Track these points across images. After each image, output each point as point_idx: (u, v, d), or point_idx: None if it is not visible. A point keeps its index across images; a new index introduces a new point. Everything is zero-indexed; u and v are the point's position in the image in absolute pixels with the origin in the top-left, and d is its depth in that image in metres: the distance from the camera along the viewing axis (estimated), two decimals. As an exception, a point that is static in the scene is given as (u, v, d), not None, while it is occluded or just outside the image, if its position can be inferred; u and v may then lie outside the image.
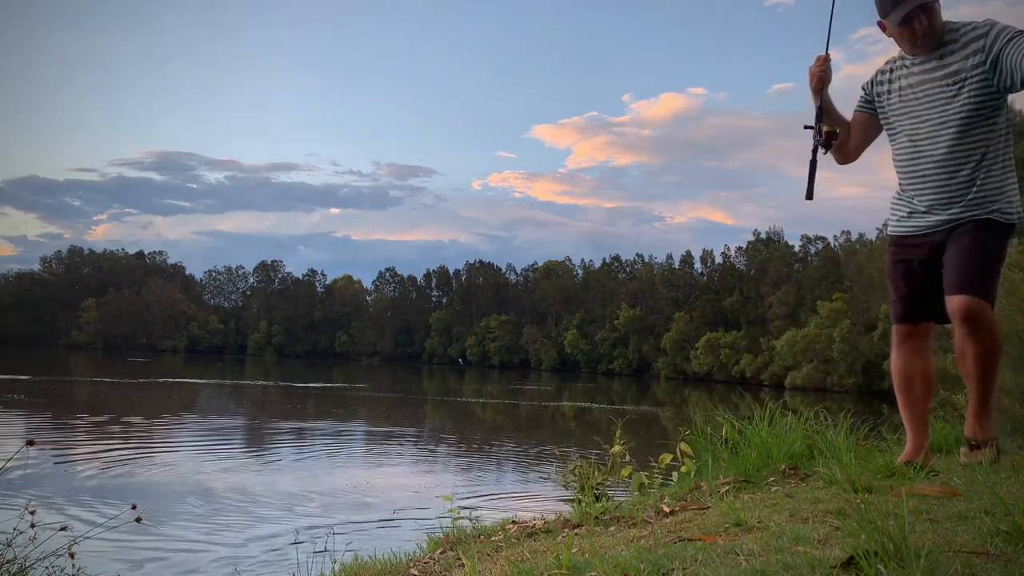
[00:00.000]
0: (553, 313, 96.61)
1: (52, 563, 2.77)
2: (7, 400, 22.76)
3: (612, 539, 2.16)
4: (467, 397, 37.44)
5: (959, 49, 2.95)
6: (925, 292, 3.10)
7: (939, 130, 3.00)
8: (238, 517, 9.11)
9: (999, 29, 2.88)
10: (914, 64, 3.07)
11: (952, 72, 2.95)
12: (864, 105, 3.30)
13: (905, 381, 3.17)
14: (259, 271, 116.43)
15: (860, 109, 3.31)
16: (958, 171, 2.99)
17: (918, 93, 3.05)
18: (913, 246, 3.13)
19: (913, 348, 3.15)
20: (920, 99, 3.05)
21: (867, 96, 3.28)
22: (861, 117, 3.31)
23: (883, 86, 3.19)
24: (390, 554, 2.81)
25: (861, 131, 3.31)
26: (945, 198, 3.03)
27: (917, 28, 2.93)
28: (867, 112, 3.29)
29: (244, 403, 29.08)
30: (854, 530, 1.27)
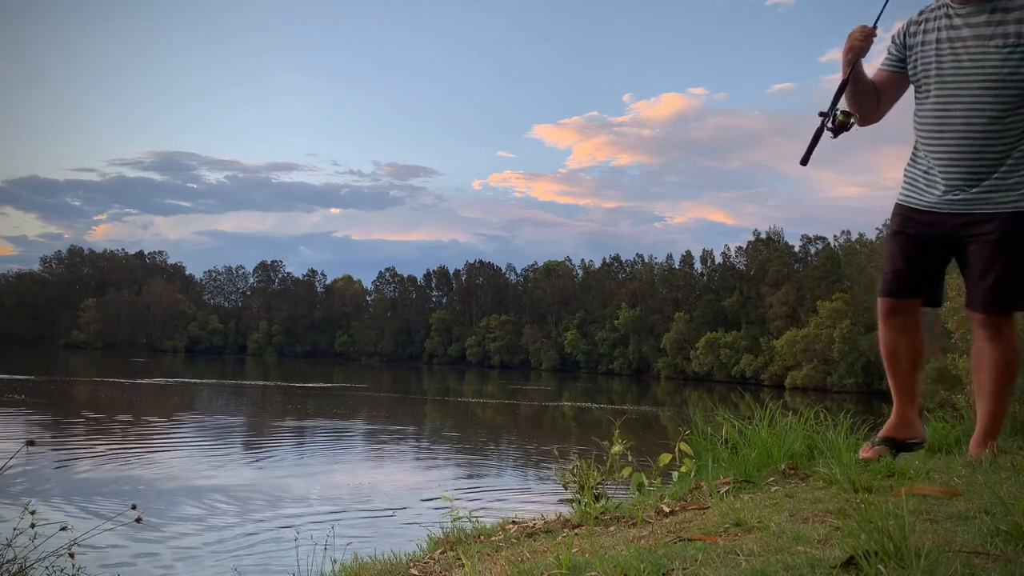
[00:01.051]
0: (553, 313, 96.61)
1: (52, 563, 2.77)
2: (7, 400, 22.75)
3: (612, 539, 2.16)
4: (467, 397, 37.44)
5: (1015, 10, 2.61)
6: (923, 271, 2.87)
7: (981, 96, 2.65)
8: (238, 517, 9.11)
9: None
10: (958, 14, 2.69)
11: (1008, 33, 2.60)
12: (895, 64, 2.89)
13: (890, 355, 3.02)
14: (259, 271, 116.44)
15: (889, 67, 2.91)
16: (992, 147, 2.68)
17: (959, 50, 2.68)
18: (923, 222, 2.83)
19: (899, 324, 2.94)
20: (962, 57, 2.67)
21: (897, 51, 2.89)
22: (889, 77, 2.91)
23: (917, 36, 2.80)
24: (390, 554, 2.81)
25: (888, 92, 2.93)
26: (972, 176, 2.71)
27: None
28: (897, 71, 2.89)
29: (244, 403, 29.07)
30: (854, 530, 1.27)
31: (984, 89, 2.64)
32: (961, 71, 2.68)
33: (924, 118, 2.82)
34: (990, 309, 2.73)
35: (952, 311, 19.24)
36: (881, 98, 2.92)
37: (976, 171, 2.70)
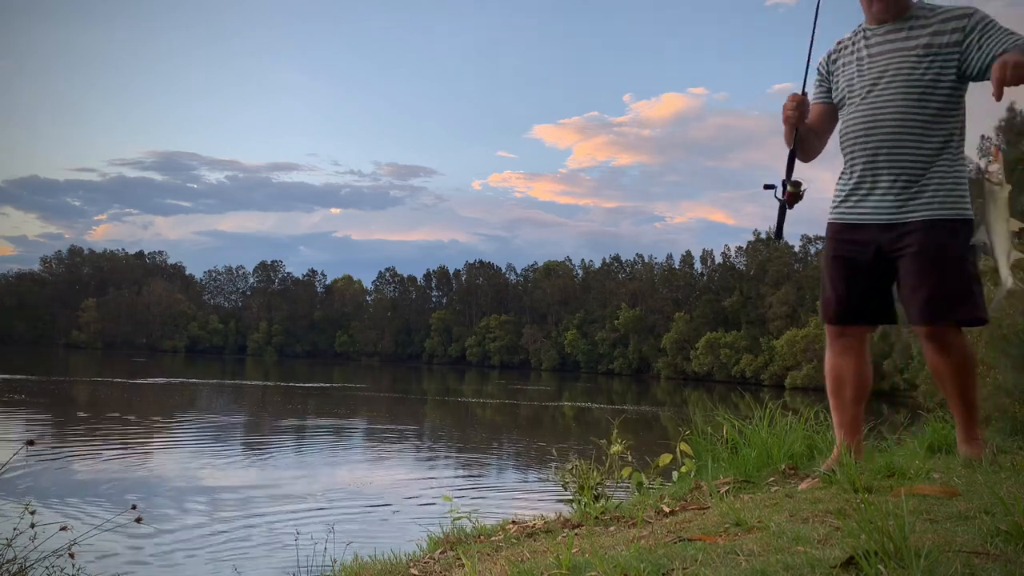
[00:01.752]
0: (553, 313, 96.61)
1: (52, 563, 2.77)
2: (7, 400, 22.76)
3: (612, 539, 2.16)
4: (467, 397, 37.44)
5: (934, 24, 2.70)
6: (864, 294, 2.83)
7: (904, 106, 2.69)
8: (238, 517, 9.11)
9: (982, 16, 2.66)
10: (876, 34, 2.79)
11: (923, 44, 2.69)
12: (824, 96, 2.96)
13: (835, 382, 2.95)
14: (259, 271, 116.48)
15: (820, 100, 2.96)
16: (916, 156, 2.70)
17: (880, 62, 2.75)
18: (857, 241, 2.80)
19: (845, 347, 2.91)
20: (884, 69, 2.73)
21: (822, 83, 2.97)
22: (823, 109, 2.95)
23: (838, 63, 2.89)
24: (390, 554, 2.81)
25: (826, 124, 2.97)
26: (898, 183, 2.72)
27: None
28: (827, 103, 2.95)
29: (244, 403, 29.08)
30: (854, 530, 1.27)
31: (907, 98, 2.69)
32: (883, 82, 2.73)
33: (849, 131, 2.83)
34: (931, 321, 2.71)
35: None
36: (820, 133, 2.98)
37: (901, 179, 2.73)
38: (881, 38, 2.78)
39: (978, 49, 2.61)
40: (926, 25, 2.71)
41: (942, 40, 2.67)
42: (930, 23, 2.71)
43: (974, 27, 2.63)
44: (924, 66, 2.68)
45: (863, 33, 2.85)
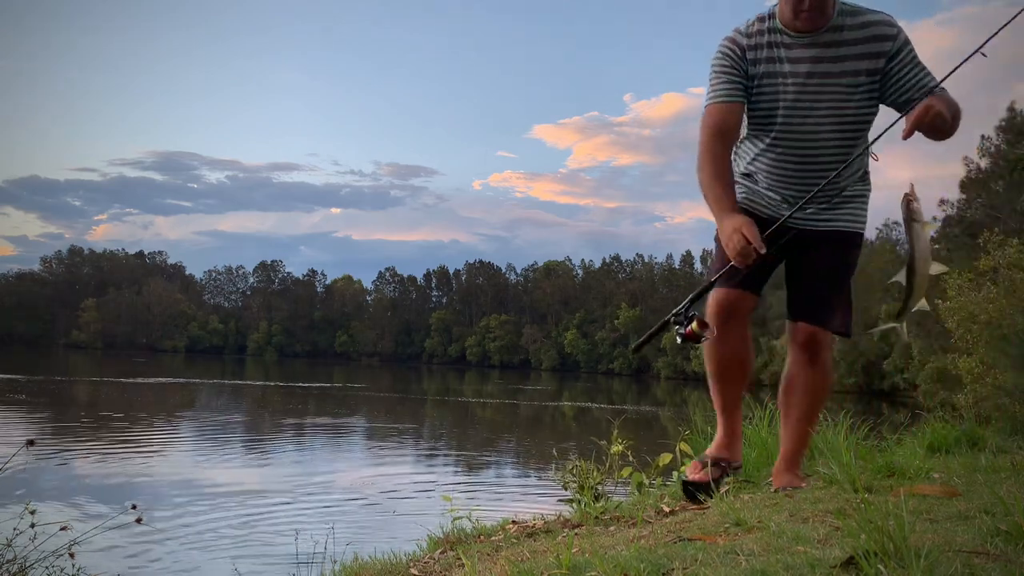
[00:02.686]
0: (553, 313, 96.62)
1: (52, 563, 2.77)
2: (7, 400, 22.76)
3: (612, 539, 2.16)
4: (467, 397, 37.45)
5: (859, 42, 2.47)
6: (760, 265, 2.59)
7: (826, 132, 2.56)
8: (238, 516, 9.11)
9: (903, 39, 2.49)
10: (798, 45, 2.49)
11: (848, 71, 2.48)
12: (743, 94, 2.57)
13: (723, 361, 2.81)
14: (259, 271, 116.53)
15: (740, 98, 2.56)
16: (851, 174, 2.66)
17: (811, 86, 2.51)
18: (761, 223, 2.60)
19: (735, 324, 2.75)
20: (815, 93, 2.52)
21: (741, 79, 2.56)
22: (740, 109, 2.57)
23: (757, 66, 2.54)
24: (390, 554, 2.81)
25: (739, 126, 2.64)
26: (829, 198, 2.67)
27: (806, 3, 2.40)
28: (742, 102, 2.58)
29: (244, 403, 29.08)
30: (854, 530, 1.27)
31: (843, 134, 2.57)
32: (818, 115, 2.54)
33: (766, 149, 2.67)
34: (821, 323, 2.68)
35: (952, 311, 19.23)
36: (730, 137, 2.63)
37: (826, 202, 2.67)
38: (805, 52, 2.49)
39: (897, 80, 2.49)
40: (852, 42, 2.47)
41: (868, 66, 2.48)
42: (855, 40, 2.47)
43: (896, 53, 2.48)
44: (856, 98, 2.52)
45: (779, 36, 2.52)
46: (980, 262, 19.54)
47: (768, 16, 2.54)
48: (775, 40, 2.51)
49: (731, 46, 2.56)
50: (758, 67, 2.53)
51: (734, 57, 2.54)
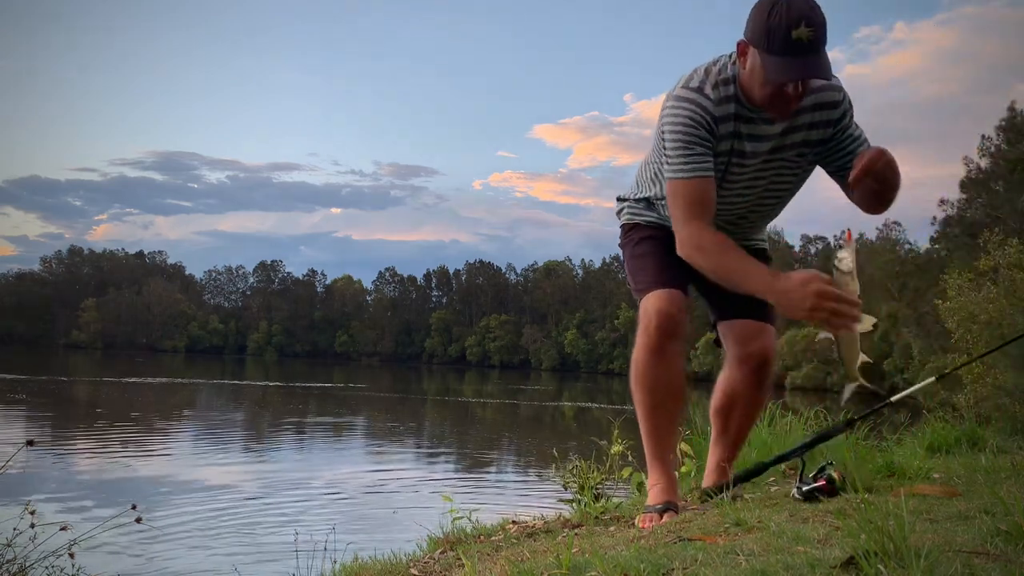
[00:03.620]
0: (553, 313, 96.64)
1: (52, 563, 2.77)
2: (7, 400, 22.76)
3: (612, 539, 2.16)
4: (467, 397, 37.45)
5: (807, 111, 2.25)
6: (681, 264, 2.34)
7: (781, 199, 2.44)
8: (237, 516, 9.11)
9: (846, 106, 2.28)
10: (759, 119, 2.25)
11: (798, 143, 2.29)
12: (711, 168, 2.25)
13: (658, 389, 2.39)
14: (259, 271, 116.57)
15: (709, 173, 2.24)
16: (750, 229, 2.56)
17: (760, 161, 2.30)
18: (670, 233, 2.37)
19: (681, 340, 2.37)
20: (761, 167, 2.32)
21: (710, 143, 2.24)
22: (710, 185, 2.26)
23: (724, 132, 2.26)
24: (390, 554, 2.81)
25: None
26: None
27: (791, 92, 2.13)
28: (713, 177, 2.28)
29: (244, 403, 29.08)
30: (854, 530, 1.27)
31: (767, 195, 2.40)
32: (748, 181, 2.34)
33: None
34: (770, 319, 2.48)
35: (952, 311, 19.22)
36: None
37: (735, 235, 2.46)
38: (767, 129, 2.26)
39: (839, 149, 2.30)
40: (800, 111, 2.24)
41: (816, 136, 2.29)
42: (803, 109, 2.24)
43: (841, 119, 2.28)
44: (797, 170, 2.37)
45: (743, 110, 2.24)
46: (980, 262, 19.54)
47: (732, 80, 2.23)
48: (739, 113, 2.24)
49: (704, 116, 2.22)
50: (723, 143, 2.26)
51: (708, 129, 2.23)
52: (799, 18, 2.01)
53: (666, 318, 2.31)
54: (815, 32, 2.02)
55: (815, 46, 2.04)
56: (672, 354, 2.34)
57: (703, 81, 2.24)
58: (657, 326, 2.31)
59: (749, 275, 2.15)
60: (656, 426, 2.42)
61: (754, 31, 2.09)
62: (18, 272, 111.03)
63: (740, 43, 2.16)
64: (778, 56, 2.04)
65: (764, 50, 2.06)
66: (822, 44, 2.06)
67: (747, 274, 2.15)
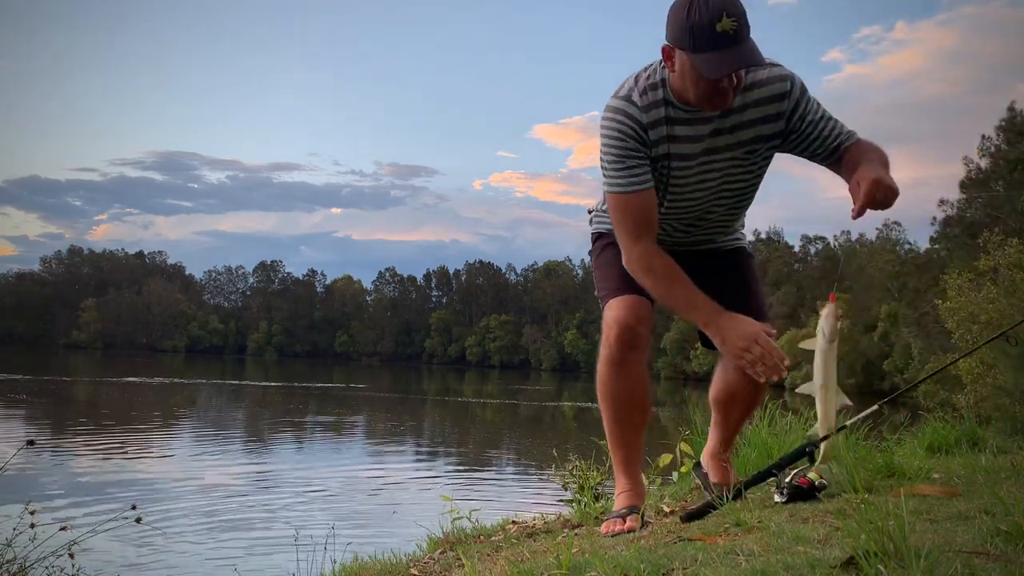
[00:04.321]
0: (553, 313, 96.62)
1: (52, 563, 2.77)
2: (7, 400, 22.76)
3: (612, 539, 2.16)
4: (467, 397, 37.45)
5: (751, 105, 2.17)
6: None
7: (714, 198, 2.33)
8: (237, 517, 9.11)
9: (802, 93, 2.20)
10: (696, 119, 2.18)
11: (745, 139, 2.20)
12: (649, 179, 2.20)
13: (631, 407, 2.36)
14: (259, 271, 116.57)
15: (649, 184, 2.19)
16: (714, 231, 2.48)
17: (701, 161, 2.23)
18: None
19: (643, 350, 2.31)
20: (700, 167, 2.24)
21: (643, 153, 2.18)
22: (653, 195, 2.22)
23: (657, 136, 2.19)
24: (390, 554, 2.81)
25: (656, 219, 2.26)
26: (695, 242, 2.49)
27: (725, 85, 2.05)
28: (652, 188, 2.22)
29: (244, 403, 29.08)
30: (854, 530, 1.27)
31: (722, 194, 2.32)
32: (696, 181, 2.26)
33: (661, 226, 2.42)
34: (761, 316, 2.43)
35: (952, 311, 19.22)
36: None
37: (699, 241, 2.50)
38: (703, 128, 2.19)
39: (806, 137, 2.21)
40: (744, 107, 2.17)
41: (766, 131, 2.20)
42: (748, 103, 2.17)
43: (794, 109, 2.19)
44: (750, 166, 2.27)
45: (675, 111, 2.18)
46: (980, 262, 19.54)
47: (660, 83, 2.18)
48: (672, 115, 2.17)
49: (632, 125, 2.16)
50: (658, 148, 2.19)
51: (638, 139, 2.17)
52: (719, 10, 1.98)
53: (624, 328, 2.27)
54: (738, 22, 1.99)
55: (741, 35, 2.00)
56: (633, 364, 2.29)
57: (632, 89, 2.20)
58: (616, 336, 2.27)
59: (695, 306, 2.17)
60: (621, 435, 2.40)
61: (676, 32, 2.05)
62: (18, 272, 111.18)
63: (664, 48, 2.11)
64: (707, 52, 1.99)
65: (690, 49, 2.02)
66: (747, 32, 2.03)
67: (693, 305, 2.18)
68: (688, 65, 2.05)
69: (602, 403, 2.38)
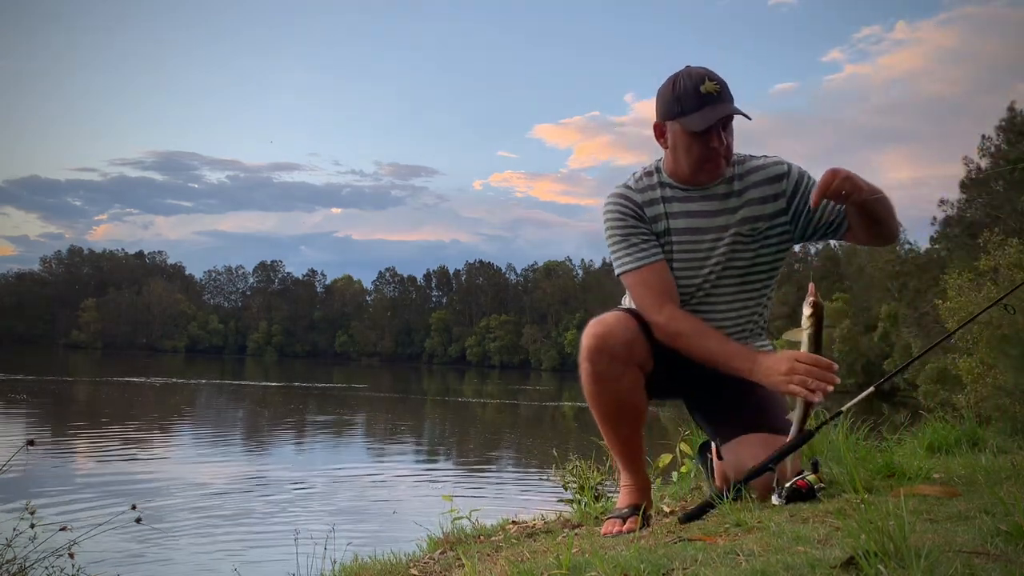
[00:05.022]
0: (553, 313, 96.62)
1: (52, 563, 2.77)
2: (7, 400, 22.76)
3: (612, 539, 2.16)
4: (467, 397, 37.45)
5: (751, 187, 2.27)
6: None
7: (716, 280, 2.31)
8: (237, 516, 9.12)
9: (801, 175, 2.29)
10: (689, 196, 2.28)
11: (747, 218, 2.27)
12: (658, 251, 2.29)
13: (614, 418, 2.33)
14: (259, 271, 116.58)
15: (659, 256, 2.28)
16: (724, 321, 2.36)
17: (700, 239, 2.28)
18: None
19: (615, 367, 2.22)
20: (700, 245, 2.28)
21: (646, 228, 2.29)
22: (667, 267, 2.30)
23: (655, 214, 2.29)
24: (390, 554, 2.81)
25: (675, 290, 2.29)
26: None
27: (716, 146, 2.16)
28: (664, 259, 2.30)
29: (244, 403, 29.08)
30: (854, 530, 1.27)
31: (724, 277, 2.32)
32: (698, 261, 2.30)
33: None
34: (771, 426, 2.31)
35: (952, 311, 19.22)
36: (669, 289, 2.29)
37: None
38: (700, 206, 2.28)
39: (806, 213, 2.27)
40: (744, 189, 2.27)
41: (767, 210, 2.27)
42: (747, 186, 2.27)
43: (795, 190, 2.27)
44: (754, 246, 2.30)
45: (670, 191, 2.29)
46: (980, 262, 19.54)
47: (655, 170, 2.32)
48: (667, 195, 2.29)
49: (628, 204, 2.29)
50: (657, 224, 2.29)
51: (636, 216, 2.28)
52: (702, 76, 2.17)
53: (595, 340, 2.23)
54: (719, 84, 2.17)
55: (723, 96, 2.17)
56: (611, 378, 2.24)
57: (627, 180, 2.35)
58: (587, 350, 2.24)
59: (732, 356, 2.16)
60: (617, 441, 2.39)
61: (665, 106, 2.22)
62: (18, 272, 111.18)
63: (656, 125, 2.26)
64: (694, 112, 2.15)
65: (679, 114, 2.17)
66: (729, 96, 2.19)
67: (730, 355, 2.16)
68: (679, 132, 2.20)
69: (593, 412, 2.38)
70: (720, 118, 2.15)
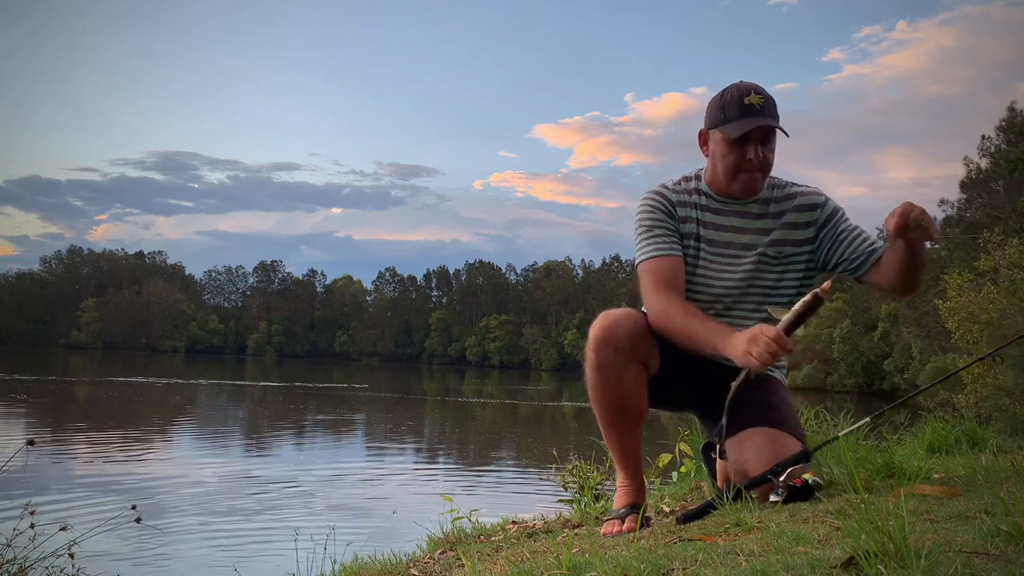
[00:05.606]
0: (553, 313, 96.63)
1: (52, 563, 2.77)
2: (7, 400, 22.76)
3: (612, 539, 2.16)
4: (467, 397, 37.45)
5: (785, 212, 2.35)
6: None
7: (748, 293, 2.36)
8: (237, 516, 9.12)
9: (835, 209, 2.37)
10: (726, 210, 2.36)
11: (777, 240, 2.35)
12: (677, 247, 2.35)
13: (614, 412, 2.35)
14: (259, 271, 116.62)
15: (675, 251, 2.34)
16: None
17: (724, 251, 2.36)
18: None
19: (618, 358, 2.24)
20: (724, 257, 2.36)
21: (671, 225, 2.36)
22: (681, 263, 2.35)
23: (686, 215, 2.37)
24: (390, 554, 2.81)
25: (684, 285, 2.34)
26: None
27: (751, 156, 2.24)
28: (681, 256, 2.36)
29: (244, 403, 29.08)
30: (854, 530, 1.27)
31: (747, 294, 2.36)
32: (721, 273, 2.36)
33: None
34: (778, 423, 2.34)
35: (952, 311, 19.22)
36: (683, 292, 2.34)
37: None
38: (731, 220, 2.36)
39: (839, 242, 2.33)
40: (779, 213, 2.36)
41: (796, 236, 2.35)
42: (782, 211, 2.36)
43: (827, 220, 2.36)
44: (778, 268, 2.35)
45: (706, 200, 2.38)
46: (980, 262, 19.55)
47: (694, 177, 2.42)
48: (702, 203, 2.37)
49: (661, 200, 2.38)
50: (686, 226, 2.37)
51: (665, 211, 2.36)
52: (749, 89, 2.27)
53: (601, 331, 2.25)
54: (764, 99, 2.25)
55: (767, 110, 2.24)
56: (614, 370, 2.25)
57: (666, 181, 2.45)
58: (593, 340, 2.26)
59: (713, 331, 2.16)
60: (615, 438, 2.41)
61: (710, 114, 2.32)
62: (18, 272, 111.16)
63: (700, 132, 2.37)
64: (735, 120, 2.24)
65: (721, 122, 2.27)
66: (774, 111, 2.27)
67: (711, 330, 2.16)
68: (719, 139, 2.29)
69: (593, 407, 2.38)
70: (756, 128, 2.22)
